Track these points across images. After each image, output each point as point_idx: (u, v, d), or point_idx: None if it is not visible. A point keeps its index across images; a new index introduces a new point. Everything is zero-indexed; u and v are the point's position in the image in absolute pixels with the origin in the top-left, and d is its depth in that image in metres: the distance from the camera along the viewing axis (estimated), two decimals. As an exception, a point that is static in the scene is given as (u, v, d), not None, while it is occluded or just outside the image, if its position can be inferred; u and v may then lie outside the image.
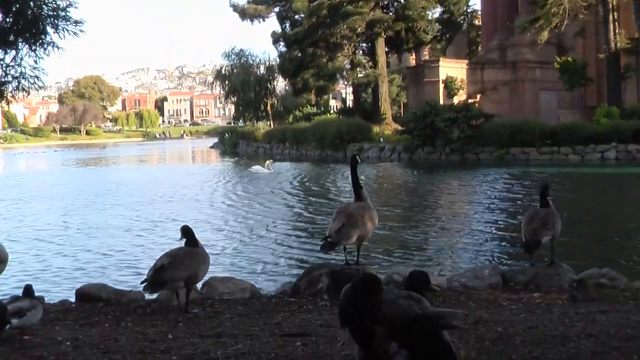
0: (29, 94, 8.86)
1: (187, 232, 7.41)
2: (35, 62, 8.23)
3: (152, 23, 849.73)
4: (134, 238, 19.23)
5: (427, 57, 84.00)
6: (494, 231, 18.88)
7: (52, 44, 8.23)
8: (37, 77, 8.29)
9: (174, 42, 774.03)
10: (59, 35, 8.22)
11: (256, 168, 44.41)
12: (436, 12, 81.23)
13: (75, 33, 8.32)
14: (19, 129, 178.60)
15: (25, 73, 8.22)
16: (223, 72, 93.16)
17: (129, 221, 22.78)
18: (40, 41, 8.08)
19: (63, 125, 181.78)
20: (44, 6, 8.02)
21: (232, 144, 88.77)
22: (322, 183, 36.44)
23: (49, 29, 8.13)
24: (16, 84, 8.28)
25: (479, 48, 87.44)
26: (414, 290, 4.13)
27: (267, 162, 46.13)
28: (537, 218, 8.29)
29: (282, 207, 25.87)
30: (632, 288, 7.88)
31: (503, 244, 16.99)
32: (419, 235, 18.55)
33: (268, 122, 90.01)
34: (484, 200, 26.46)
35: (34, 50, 8.10)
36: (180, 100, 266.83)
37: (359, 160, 8.49)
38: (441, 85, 66.17)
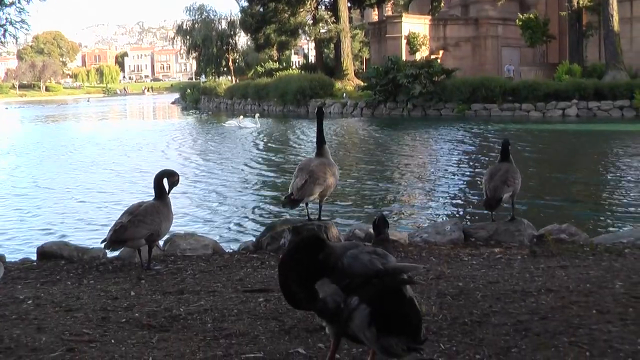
0: (17, 40, 8.76)
1: (157, 180, 7.19)
2: (20, 11, 8.09)
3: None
4: (98, 194, 19.08)
5: (389, 13, 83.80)
6: (456, 187, 19.01)
7: None
8: (23, 21, 8.16)
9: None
10: None
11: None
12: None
13: None
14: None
15: (10, 19, 8.09)
16: (184, 27, 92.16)
17: (93, 178, 22.61)
18: None
19: (22, 82, 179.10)
20: None
21: (194, 99, 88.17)
22: (285, 139, 36.38)
23: None
24: (2, 31, 8.15)
25: (442, 4, 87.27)
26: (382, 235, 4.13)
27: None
28: (497, 174, 8.32)
29: (245, 163, 25.76)
30: (591, 243, 7.95)
31: (464, 200, 17.11)
32: (381, 191, 18.62)
33: (230, 78, 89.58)
34: (446, 156, 26.59)
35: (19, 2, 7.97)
36: (141, 55, 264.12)
37: (324, 112, 8.40)
38: (403, 41, 66.11)
